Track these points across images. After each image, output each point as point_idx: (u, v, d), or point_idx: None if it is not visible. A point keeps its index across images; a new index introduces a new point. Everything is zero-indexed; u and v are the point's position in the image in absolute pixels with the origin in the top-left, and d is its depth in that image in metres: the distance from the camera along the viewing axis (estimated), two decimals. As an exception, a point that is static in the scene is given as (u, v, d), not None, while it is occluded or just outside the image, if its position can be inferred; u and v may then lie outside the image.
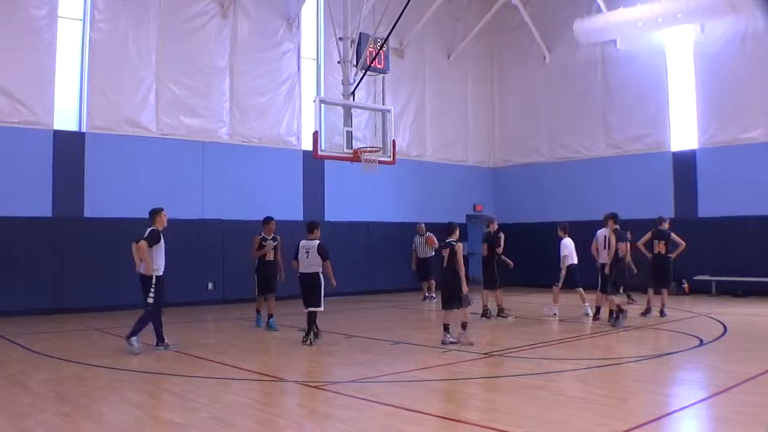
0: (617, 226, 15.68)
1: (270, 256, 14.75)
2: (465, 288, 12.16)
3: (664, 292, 16.65)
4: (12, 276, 17.41)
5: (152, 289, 11.86)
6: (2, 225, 17.40)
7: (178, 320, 16.70)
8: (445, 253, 12.45)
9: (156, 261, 12.02)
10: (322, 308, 12.84)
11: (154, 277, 11.89)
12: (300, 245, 13.08)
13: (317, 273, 12.83)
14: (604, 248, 15.31)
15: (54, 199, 18.34)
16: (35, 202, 18.01)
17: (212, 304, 19.79)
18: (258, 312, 15.32)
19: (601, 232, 15.60)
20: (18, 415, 7.44)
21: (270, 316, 14.87)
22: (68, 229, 18.35)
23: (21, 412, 7.60)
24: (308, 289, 12.86)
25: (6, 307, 17.10)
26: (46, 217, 18.17)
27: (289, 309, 16.80)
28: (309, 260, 12.84)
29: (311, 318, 12.77)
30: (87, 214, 18.77)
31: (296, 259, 13.07)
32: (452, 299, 12.27)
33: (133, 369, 10.24)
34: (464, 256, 12.61)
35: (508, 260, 17.08)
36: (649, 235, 16.84)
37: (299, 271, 13.02)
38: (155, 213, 12.57)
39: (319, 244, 12.84)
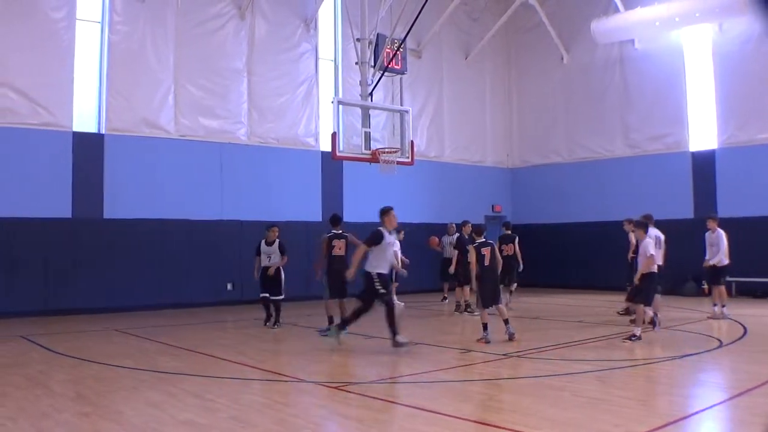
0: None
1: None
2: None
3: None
4: (31, 277, 17.55)
5: (377, 284, 11.74)
6: (22, 226, 17.53)
7: (197, 320, 16.77)
8: (487, 252, 12.82)
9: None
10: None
11: (372, 273, 11.77)
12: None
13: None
14: (658, 248, 14.91)
15: (73, 200, 18.45)
16: (54, 203, 18.13)
17: (231, 304, 19.82)
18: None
19: (653, 232, 14.82)
20: (38, 415, 7.46)
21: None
22: (87, 231, 18.45)
23: (41, 411, 7.62)
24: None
25: (26, 307, 17.24)
26: (65, 218, 18.28)
27: (310, 309, 16.86)
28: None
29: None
30: (106, 215, 18.87)
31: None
32: (496, 296, 12.82)
33: (153, 369, 10.26)
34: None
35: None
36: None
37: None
38: (384, 212, 12.30)
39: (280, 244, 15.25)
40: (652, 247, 13.05)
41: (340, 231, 14.22)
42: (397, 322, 11.66)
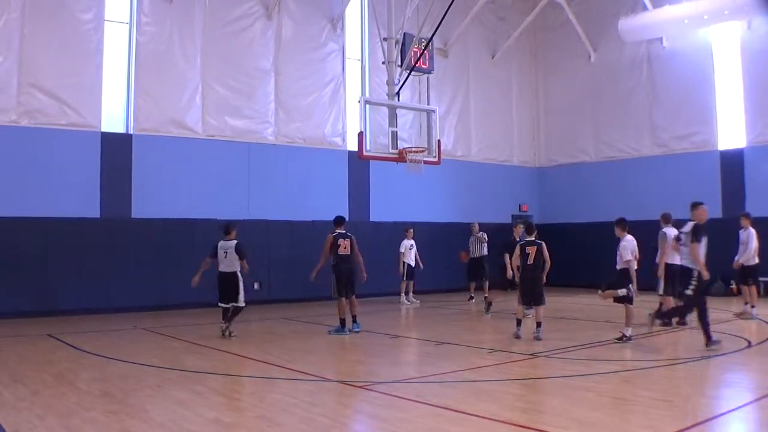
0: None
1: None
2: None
3: None
4: (61, 276, 17.66)
5: (692, 282, 11.49)
6: (51, 226, 17.66)
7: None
8: (532, 251, 12.96)
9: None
10: (243, 304, 13.74)
11: (694, 270, 11.48)
12: (218, 245, 13.85)
13: (236, 272, 13.64)
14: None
15: (102, 200, 18.55)
16: (83, 203, 18.25)
17: (258, 303, 19.84)
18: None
19: (672, 232, 14.82)
20: (65, 413, 7.51)
21: (354, 318, 14.32)
22: (116, 230, 18.55)
23: (68, 409, 7.68)
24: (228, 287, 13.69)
25: (55, 305, 17.38)
26: (94, 218, 18.39)
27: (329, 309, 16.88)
28: (227, 260, 13.67)
29: (236, 312, 13.71)
30: (134, 215, 18.97)
31: (214, 257, 13.86)
32: (536, 296, 12.93)
33: (179, 368, 10.30)
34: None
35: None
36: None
37: (219, 270, 13.82)
38: (694, 206, 12.00)
39: (236, 244, 13.65)
40: (629, 252, 12.88)
41: (344, 231, 14.52)
42: (710, 324, 11.47)
